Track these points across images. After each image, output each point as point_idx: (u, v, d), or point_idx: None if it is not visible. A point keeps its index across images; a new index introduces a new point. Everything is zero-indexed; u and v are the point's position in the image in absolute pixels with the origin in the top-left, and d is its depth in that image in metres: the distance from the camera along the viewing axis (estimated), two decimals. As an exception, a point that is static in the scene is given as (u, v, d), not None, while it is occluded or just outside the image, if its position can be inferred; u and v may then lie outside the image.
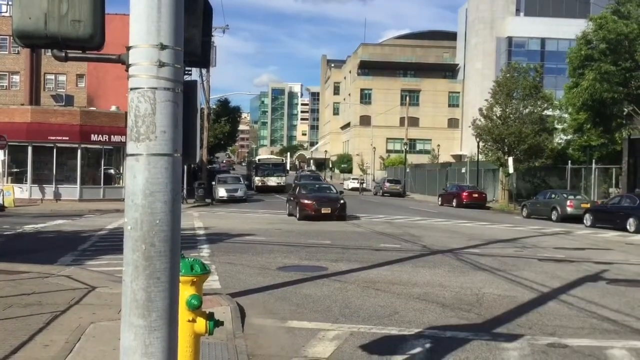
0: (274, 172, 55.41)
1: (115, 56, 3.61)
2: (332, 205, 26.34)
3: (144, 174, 3.35)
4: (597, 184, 37.16)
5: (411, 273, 12.83)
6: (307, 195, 27.60)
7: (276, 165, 57.55)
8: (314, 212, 25.80)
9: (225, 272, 12.43)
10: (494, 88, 44.35)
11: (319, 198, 26.96)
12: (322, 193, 28.45)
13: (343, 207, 26.64)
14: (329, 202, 26.59)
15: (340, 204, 26.59)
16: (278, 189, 53.43)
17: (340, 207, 26.48)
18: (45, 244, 16.65)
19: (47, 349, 6.25)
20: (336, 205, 26.48)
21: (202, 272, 4.68)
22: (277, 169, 56.36)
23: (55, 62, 51.14)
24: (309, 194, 27.71)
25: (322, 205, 26.08)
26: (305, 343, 7.35)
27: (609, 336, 7.97)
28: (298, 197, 27.46)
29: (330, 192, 28.78)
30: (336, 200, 26.96)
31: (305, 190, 28.82)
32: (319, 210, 25.88)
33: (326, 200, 26.78)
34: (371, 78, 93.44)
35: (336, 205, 26.48)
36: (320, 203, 26.24)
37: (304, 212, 26.03)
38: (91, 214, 27.70)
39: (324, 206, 26.09)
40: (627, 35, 32.30)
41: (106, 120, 36.15)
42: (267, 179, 54.37)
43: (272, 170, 55.66)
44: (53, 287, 9.63)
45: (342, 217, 26.23)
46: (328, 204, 26.44)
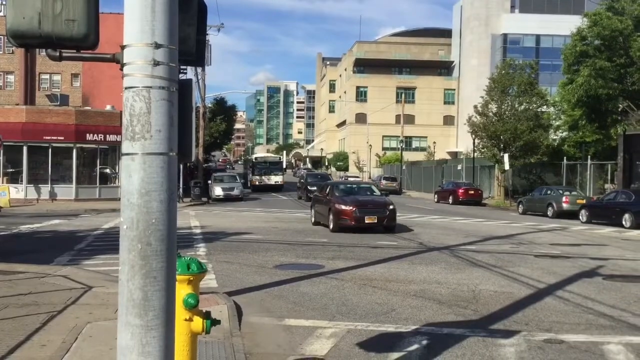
0: (271, 170, 53.88)
1: (109, 55, 3.61)
2: (379, 213, 20.35)
3: (139, 173, 3.35)
4: (593, 180, 37.26)
5: (408, 270, 12.85)
6: (344, 198, 21.16)
7: (273, 163, 56.08)
8: (354, 222, 19.94)
9: (222, 270, 12.42)
10: (489, 85, 44.41)
11: (361, 203, 20.76)
12: (364, 196, 22.26)
13: (393, 214, 20.70)
14: (375, 209, 20.64)
15: (389, 210, 20.60)
16: (276, 187, 52.46)
17: (390, 214, 20.50)
18: (41, 244, 16.61)
19: (44, 349, 6.25)
20: (384, 212, 20.46)
21: (198, 271, 4.68)
22: (275, 168, 54.81)
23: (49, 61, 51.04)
24: (347, 197, 21.39)
25: (366, 213, 20.16)
26: (303, 341, 7.36)
27: (605, 332, 8.00)
28: (331, 201, 21.10)
29: (374, 195, 22.83)
30: (384, 206, 20.83)
31: (341, 191, 22.60)
32: (361, 219, 19.94)
33: (371, 206, 20.79)
34: (367, 76, 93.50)
35: (384, 212, 20.46)
36: (363, 209, 20.24)
37: (341, 222, 20.16)
38: (87, 214, 27.65)
39: (368, 214, 20.17)
40: (622, 32, 32.34)
41: (101, 120, 36.07)
42: (264, 177, 52.98)
43: (270, 168, 54.20)
44: (50, 287, 9.61)
45: (391, 228, 20.61)
46: (374, 210, 20.50)
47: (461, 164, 53.42)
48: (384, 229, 20.44)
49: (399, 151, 69.21)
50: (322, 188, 24.82)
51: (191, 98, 4.35)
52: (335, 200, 21.04)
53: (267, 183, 52.44)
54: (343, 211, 20.20)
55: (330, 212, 20.62)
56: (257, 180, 52.65)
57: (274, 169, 54.42)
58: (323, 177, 46.53)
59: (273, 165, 55.30)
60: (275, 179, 53.16)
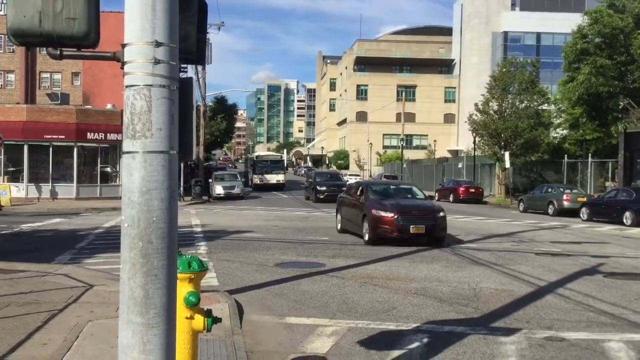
0: (272, 169, 52.68)
1: (110, 54, 3.61)
2: (426, 221, 16.58)
3: (140, 171, 3.36)
4: (594, 178, 37.24)
5: (408, 268, 12.85)
6: (382, 202, 17.39)
7: (275, 162, 55.00)
8: (396, 232, 16.34)
9: (223, 269, 12.43)
10: (490, 83, 44.37)
11: (404, 208, 16.93)
12: (405, 199, 18.38)
13: (443, 223, 16.89)
14: (421, 216, 16.79)
15: (439, 218, 16.80)
16: (277, 186, 51.40)
17: (440, 223, 16.72)
18: (42, 243, 16.63)
19: (45, 348, 6.26)
20: (433, 220, 16.68)
21: (199, 269, 4.68)
22: (276, 166, 53.65)
23: (50, 60, 51.01)
24: (385, 201, 17.59)
25: (412, 221, 16.40)
26: (304, 339, 7.37)
27: (606, 329, 8.00)
28: (365, 205, 17.47)
29: (417, 198, 18.82)
30: (432, 213, 17.00)
31: (377, 194, 18.76)
32: (405, 228, 16.30)
33: (416, 213, 16.93)
34: (367, 74, 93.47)
35: (433, 220, 16.68)
36: (407, 217, 16.49)
37: (379, 231, 16.53)
38: (88, 212, 27.67)
39: (414, 222, 16.39)
40: (623, 29, 32.35)
41: (102, 119, 36.08)
42: (265, 176, 51.74)
43: (271, 167, 52.95)
44: (51, 285, 9.62)
45: (440, 240, 16.80)
46: (420, 218, 16.68)
47: (462, 162, 53.38)
48: (432, 241, 16.76)
49: (400, 149, 69.20)
50: (351, 189, 20.86)
51: (192, 96, 4.35)
52: (371, 204, 17.26)
53: (268, 182, 51.31)
54: (382, 218, 16.53)
55: (365, 219, 17.01)
56: (258, 179, 51.61)
57: (276, 168, 53.25)
58: (333, 177, 43.78)
59: (274, 163, 54.16)
60: (276, 178, 51.93)
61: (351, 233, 18.48)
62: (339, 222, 20.06)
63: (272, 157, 58.03)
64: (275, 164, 53.91)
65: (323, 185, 37.96)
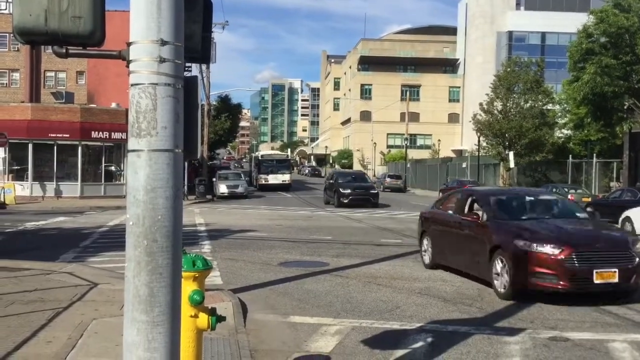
0: (278, 169, 51.06)
1: (115, 52, 3.61)
2: (619, 262, 9.43)
3: (145, 169, 3.36)
4: (598, 178, 37.18)
5: (412, 268, 12.84)
6: (531, 228, 10.24)
7: (280, 161, 53.44)
8: (568, 282, 9.24)
9: (227, 268, 12.45)
10: (495, 82, 44.38)
11: (579, 239, 10.01)
12: (565, 222, 11.02)
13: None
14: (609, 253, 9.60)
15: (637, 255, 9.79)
16: (283, 187, 49.80)
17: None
18: (46, 241, 16.67)
19: (50, 345, 6.27)
20: (628, 260, 9.53)
21: (204, 268, 4.69)
22: (282, 166, 52.01)
23: (55, 59, 51.11)
24: (536, 225, 10.48)
25: (595, 262, 9.36)
26: (307, 338, 7.37)
27: (611, 329, 7.99)
28: (497, 230, 10.48)
29: (580, 219, 11.57)
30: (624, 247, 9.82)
31: (510, 210, 11.46)
32: (584, 275, 9.28)
33: (601, 247, 9.81)
34: (371, 73, 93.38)
35: (628, 260, 9.53)
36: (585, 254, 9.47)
37: (534, 279, 9.47)
38: (92, 211, 27.73)
39: (600, 263, 9.34)
40: (628, 29, 32.26)
41: (107, 118, 36.14)
42: (271, 176, 50.10)
43: (277, 167, 51.34)
44: (55, 283, 9.65)
45: None
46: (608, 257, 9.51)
47: (466, 162, 53.33)
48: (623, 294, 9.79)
49: (404, 149, 69.14)
50: (451, 199, 13.40)
51: (197, 95, 4.36)
52: (509, 229, 10.34)
53: (274, 182, 49.75)
54: (537, 257, 9.45)
55: (499, 255, 9.98)
56: (263, 179, 50.32)
57: (281, 167, 51.64)
58: (358, 178, 36.79)
59: (280, 163, 52.83)
60: (282, 178, 50.38)
61: (456, 271, 11.86)
62: (427, 254, 12.89)
63: (278, 157, 56.82)
64: (281, 164, 52.52)
65: (347, 188, 32.67)
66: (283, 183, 50.21)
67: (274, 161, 53.09)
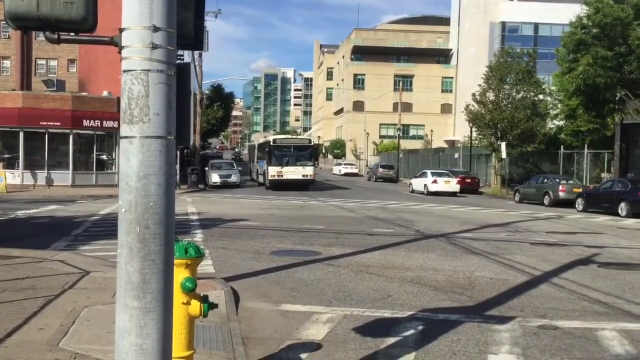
0: (297, 158, 37.98)
1: (107, 38, 3.60)
2: None
3: (137, 156, 3.36)
4: (589, 169, 37.35)
5: (404, 257, 12.89)
6: None
7: (300, 148, 39.12)
8: None
9: (219, 256, 12.46)
10: (487, 73, 44.36)
11: None
12: None
13: None
14: None
15: None
16: (304, 183, 38.09)
17: None
18: (38, 230, 16.62)
19: (42, 332, 6.28)
20: None
21: (196, 255, 4.70)
22: (302, 154, 38.53)
23: (46, 47, 50.70)
24: None
25: None
26: (299, 326, 7.41)
27: (600, 318, 8.06)
28: None
29: None
30: None
31: None
32: None
33: None
34: (364, 63, 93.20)
35: None
36: None
37: None
38: (84, 200, 27.63)
39: None
40: (623, 20, 32.34)
41: (98, 106, 35.93)
42: (286, 169, 37.43)
43: (295, 156, 38.01)
44: (47, 271, 9.63)
45: None
46: None
47: (458, 152, 53.45)
48: None
49: (396, 139, 69.16)
50: None
51: (189, 82, 4.36)
52: None
53: (291, 177, 37.55)
54: None
55: None
56: (276, 173, 37.46)
57: (301, 157, 38.41)
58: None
59: (299, 150, 38.72)
60: (303, 172, 37.90)
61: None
62: None
63: (298, 142, 41.74)
64: (301, 152, 38.67)
65: None
66: (304, 179, 38.04)
67: (292, 148, 38.77)
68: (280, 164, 37.45)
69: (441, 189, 37.58)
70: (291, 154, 38.05)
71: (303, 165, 37.98)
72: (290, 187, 37.01)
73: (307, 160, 38.59)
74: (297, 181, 37.60)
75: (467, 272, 11.24)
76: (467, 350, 6.56)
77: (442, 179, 38.14)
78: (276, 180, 37.38)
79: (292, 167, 37.54)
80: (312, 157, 39.44)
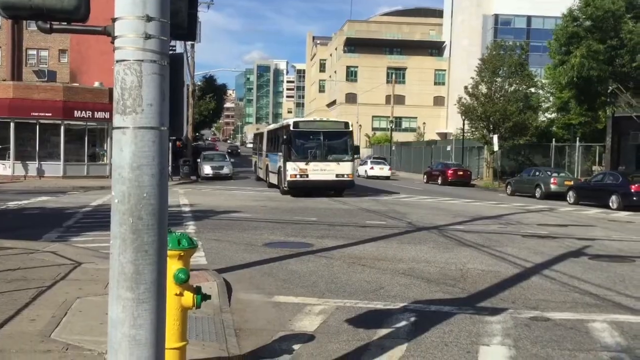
0: (329, 150, 27.00)
1: (100, 28, 3.58)
2: None
3: (130, 147, 3.34)
4: (581, 162, 37.53)
5: (397, 249, 12.92)
6: None
7: (334, 135, 27.54)
8: None
9: (212, 248, 12.45)
10: (480, 66, 44.44)
11: None
12: None
13: None
14: None
15: None
16: (336, 187, 27.31)
17: None
18: (29, 221, 16.55)
19: (34, 323, 6.26)
20: None
21: (189, 247, 4.69)
22: (336, 144, 27.36)
23: (37, 37, 50.22)
24: None
25: None
26: (292, 317, 7.42)
27: (591, 310, 8.11)
28: None
29: None
30: None
31: None
32: None
33: None
34: (357, 55, 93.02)
35: None
36: None
37: None
38: (75, 191, 27.52)
39: None
40: (614, 12, 32.36)
41: (90, 97, 35.76)
42: (313, 165, 26.44)
43: (326, 145, 27.01)
44: (38, 262, 9.60)
45: None
46: None
47: (450, 145, 53.57)
48: None
49: (389, 131, 69.18)
50: None
51: (182, 72, 4.34)
52: None
53: (320, 178, 26.46)
54: None
55: None
56: (298, 171, 26.32)
57: (335, 148, 27.23)
58: None
59: (332, 138, 27.38)
60: (337, 170, 26.74)
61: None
62: None
63: (330, 127, 28.27)
64: (334, 140, 27.43)
65: None
66: (338, 180, 26.76)
67: (321, 135, 27.19)
68: (305, 158, 26.42)
69: (377, 173, 48.68)
70: (320, 143, 26.88)
71: (337, 160, 26.77)
72: (318, 191, 27.11)
73: (343, 153, 27.11)
74: (328, 184, 26.80)
75: (459, 264, 11.28)
76: (459, 342, 6.59)
77: (378, 166, 49.95)
78: (298, 182, 26.43)
79: (321, 162, 26.54)
80: (351, 149, 27.40)
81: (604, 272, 10.90)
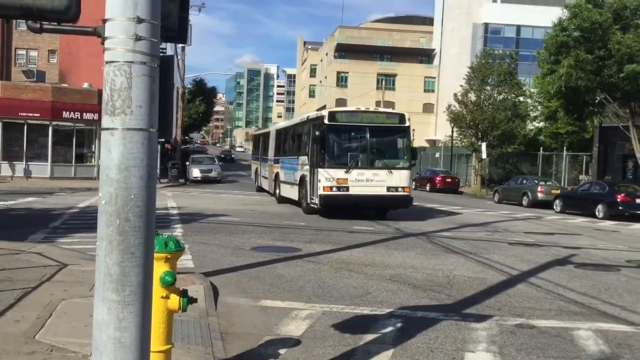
0: (379, 153, 20.34)
1: (91, 28, 3.57)
2: None
3: (119, 148, 3.33)
4: (568, 171, 37.80)
5: (384, 255, 12.94)
6: None
7: (386, 131, 20.57)
8: None
9: (199, 251, 12.41)
10: (469, 74, 44.68)
11: None
12: None
13: None
14: None
15: None
16: (388, 203, 20.65)
17: None
18: (15, 221, 16.43)
19: (18, 325, 6.21)
20: None
21: (176, 249, 4.68)
22: (388, 143, 20.80)
23: (26, 36, 49.90)
24: None
25: None
26: (278, 322, 7.41)
27: (576, 318, 8.16)
28: None
29: None
30: None
31: None
32: None
33: None
34: (348, 61, 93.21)
35: None
36: None
37: None
38: (62, 192, 27.35)
39: None
40: (601, 24, 32.65)
41: (78, 97, 35.58)
42: (359, 174, 19.54)
43: (375, 146, 20.21)
44: (24, 263, 9.52)
45: None
46: None
47: (439, 152, 53.77)
48: None
49: (378, 137, 69.16)
50: None
51: (172, 75, 4.33)
52: None
53: (365, 192, 19.62)
54: None
55: None
56: (335, 182, 19.53)
57: (386, 149, 20.77)
58: None
59: (382, 134, 20.53)
60: (389, 180, 19.74)
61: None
62: None
63: (381, 121, 20.59)
64: (385, 137, 20.71)
65: None
66: (391, 195, 19.91)
67: (367, 131, 20.04)
68: (344, 164, 19.58)
69: None
70: (366, 143, 19.98)
71: (390, 166, 19.96)
72: (361, 209, 21.12)
73: (397, 158, 20.65)
74: (375, 200, 20.09)
75: (446, 270, 11.31)
76: (445, 348, 6.61)
77: None
78: (335, 197, 19.60)
79: (367, 170, 19.74)
80: (407, 151, 20.71)
81: (589, 280, 10.97)
